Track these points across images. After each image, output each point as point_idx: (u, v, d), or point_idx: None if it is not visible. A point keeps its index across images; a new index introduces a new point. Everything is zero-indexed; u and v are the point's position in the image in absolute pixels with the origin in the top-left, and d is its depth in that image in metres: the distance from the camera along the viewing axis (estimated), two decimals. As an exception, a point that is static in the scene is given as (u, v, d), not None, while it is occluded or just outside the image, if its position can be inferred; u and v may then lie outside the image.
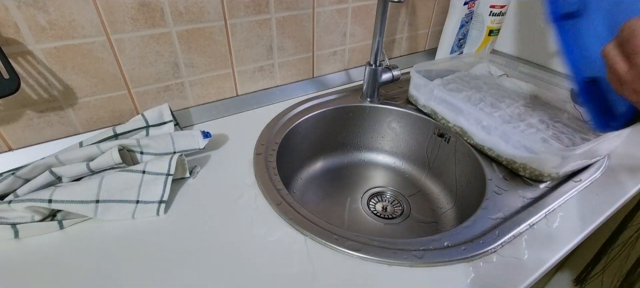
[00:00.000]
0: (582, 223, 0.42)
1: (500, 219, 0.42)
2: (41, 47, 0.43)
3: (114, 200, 0.40)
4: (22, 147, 0.48)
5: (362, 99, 0.67)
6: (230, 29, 0.56)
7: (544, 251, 0.38)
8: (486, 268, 0.36)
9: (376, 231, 0.57)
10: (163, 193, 0.42)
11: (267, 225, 0.40)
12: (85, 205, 0.38)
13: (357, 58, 0.75)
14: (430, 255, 0.36)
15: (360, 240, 0.38)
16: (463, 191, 0.58)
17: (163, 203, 0.42)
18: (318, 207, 0.60)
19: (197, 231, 0.40)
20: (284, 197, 0.44)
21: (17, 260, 0.36)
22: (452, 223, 0.57)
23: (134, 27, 0.48)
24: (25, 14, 0.41)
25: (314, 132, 0.64)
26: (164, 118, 0.52)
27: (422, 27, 0.82)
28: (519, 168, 0.49)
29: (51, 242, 0.38)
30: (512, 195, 0.46)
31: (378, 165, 0.70)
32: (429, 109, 0.62)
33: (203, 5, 0.51)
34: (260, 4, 0.56)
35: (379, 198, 0.63)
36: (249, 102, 0.64)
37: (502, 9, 0.74)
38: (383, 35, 0.58)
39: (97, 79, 0.49)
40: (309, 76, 0.70)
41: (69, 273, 0.34)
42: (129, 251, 0.37)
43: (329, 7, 0.63)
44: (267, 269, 0.35)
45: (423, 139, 0.65)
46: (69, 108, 0.49)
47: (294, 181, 0.63)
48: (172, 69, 0.54)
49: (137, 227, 0.40)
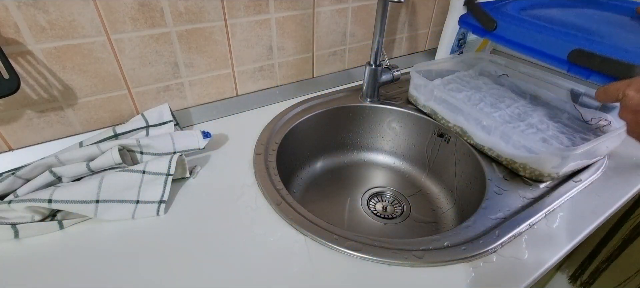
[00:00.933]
0: (582, 223, 0.42)
1: (500, 219, 0.42)
2: (41, 47, 0.43)
3: (113, 200, 0.40)
4: (22, 147, 0.48)
5: (362, 99, 0.67)
6: (230, 29, 0.56)
7: (544, 251, 0.38)
8: (486, 268, 0.36)
9: (376, 231, 0.57)
10: (163, 193, 0.42)
11: (267, 225, 0.40)
12: (85, 205, 0.38)
13: (357, 58, 0.75)
14: (430, 255, 0.36)
15: (360, 240, 0.38)
16: (463, 191, 0.58)
17: (163, 203, 0.42)
18: (318, 207, 0.60)
19: (197, 231, 0.40)
20: (284, 197, 0.44)
21: (16, 260, 0.36)
22: (452, 223, 0.57)
23: (134, 27, 0.48)
24: (25, 14, 0.41)
25: (314, 132, 0.64)
26: (164, 118, 0.52)
27: (422, 27, 0.82)
28: (519, 168, 0.49)
29: (51, 242, 0.38)
30: (512, 195, 0.46)
31: (378, 165, 0.70)
32: (429, 109, 0.62)
33: (203, 5, 0.51)
34: (260, 4, 0.56)
35: (379, 198, 0.63)
36: (249, 102, 0.64)
37: (502, 9, 0.74)
38: (383, 35, 0.58)
39: (97, 79, 0.49)
40: (309, 76, 0.70)
41: (69, 273, 0.35)
42: (128, 251, 0.37)
43: (329, 7, 0.63)
44: (267, 269, 0.35)
45: (423, 139, 0.65)
46: (68, 108, 0.49)
47: (294, 181, 0.63)
48: (172, 69, 0.54)
49: (137, 227, 0.40)
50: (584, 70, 0.41)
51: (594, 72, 0.40)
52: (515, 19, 0.48)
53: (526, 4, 0.56)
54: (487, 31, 0.50)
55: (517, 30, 0.47)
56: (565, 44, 0.42)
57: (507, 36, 0.48)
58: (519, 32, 0.46)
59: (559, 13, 0.52)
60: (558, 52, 0.42)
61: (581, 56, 0.40)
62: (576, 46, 0.41)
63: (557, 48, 0.42)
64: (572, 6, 0.54)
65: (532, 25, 0.46)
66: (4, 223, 0.37)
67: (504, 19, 0.48)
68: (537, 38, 0.44)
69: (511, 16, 0.49)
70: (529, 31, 0.46)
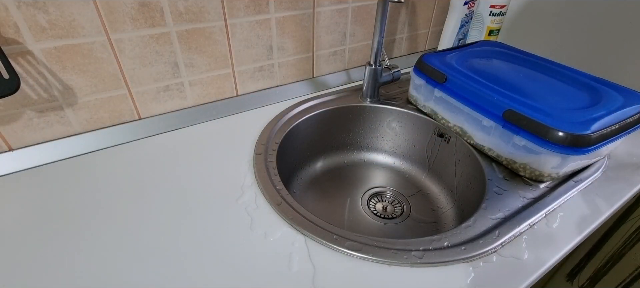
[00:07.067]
0: (582, 224, 0.42)
1: (500, 219, 0.42)
2: (41, 47, 0.43)
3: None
4: (22, 147, 0.48)
5: (362, 99, 0.67)
6: (230, 29, 0.56)
7: (544, 251, 0.38)
8: (486, 268, 0.36)
9: (376, 231, 0.57)
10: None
11: (267, 225, 0.40)
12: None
13: (357, 58, 0.75)
14: (430, 255, 0.36)
15: (360, 240, 0.38)
16: (463, 191, 0.58)
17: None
18: (318, 207, 0.60)
19: (197, 231, 0.40)
20: (284, 197, 0.44)
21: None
22: (452, 223, 0.57)
23: (134, 27, 0.48)
24: (25, 14, 0.41)
25: (314, 132, 0.64)
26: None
27: (422, 27, 0.82)
28: (519, 168, 0.49)
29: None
30: (512, 195, 0.46)
31: (378, 165, 0.70)
32: (429, 109, 0.62)
33: (203, 5, 0.51)
34: (260, 4, 0.56)
35: (379, 198, 0.63)
36: (249, 102, 0.64)
37: (502, 9, 0.74)
38: (383, 35, 0.58)
39: (97, 78, 0.49)
40: (309, 76, 0.70)
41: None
42: (128, 250, 0.37)
43: (329, 7, 0.63)
44: (267, 269, 0.35)
45: (423, 139, 0.65)
46: (68, 108, 0.49)
47: (294, 181, 0.63)
48: (172, 68, 0.54)
49: (136, 227, 0.40)
50: (515, 127, 0.46)
51: (522, 129, 0.45)
52: (461, 73, 0.55)
53: (470, 54, 0.63)
54: (439, 83, 0.56)
55: (463, 85, 0.53)
56: (501, 103, 0.48)
57: (455, 89, 0.54)
58: (464, 87, 0.53)
59: (500, 64, 0.60)
60: (495, 109, 0.48)
61: (512, 116, 0.46)
62: (509, 107, 0.47)
63: (495, 106, 0.48)
64: (513, 61, 0.61)
65: (477, 82, 0.52)
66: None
67: (452, 73, 0.55)
68: (479, 93, 0.51)
69: (458, 71, 0.56)
70: (473, 87, 0.52)
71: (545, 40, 0.80)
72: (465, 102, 0.53)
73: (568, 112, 0.45)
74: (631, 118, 0.45)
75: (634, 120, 0.45)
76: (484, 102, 0.50)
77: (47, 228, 0.39)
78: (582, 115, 0.44)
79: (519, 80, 0.54)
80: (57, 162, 0.49)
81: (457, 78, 0.54)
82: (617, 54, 0.69)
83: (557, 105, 0.47)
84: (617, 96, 0.49)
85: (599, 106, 0.46)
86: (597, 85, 0.52)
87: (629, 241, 0.73)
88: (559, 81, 0.54)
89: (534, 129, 0.44)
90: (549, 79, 0.55)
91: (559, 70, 0.58)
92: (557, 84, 0.53)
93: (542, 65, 0.59)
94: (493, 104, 0.49)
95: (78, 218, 0.41)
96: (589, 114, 0.44)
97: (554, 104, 0.47)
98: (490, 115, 0.49)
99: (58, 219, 0.41)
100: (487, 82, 0.52)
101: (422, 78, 0.59)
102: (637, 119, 0.45)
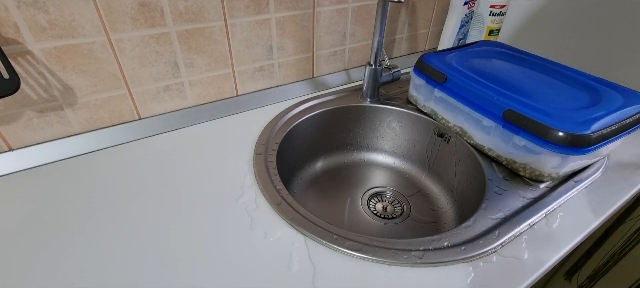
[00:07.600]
0: (582, 224, 0.42)
1: (500, 219, 0.42)
2: (41, 47, 0.43)
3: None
4: (22, 147, 0.48)
5: (362, 99, 0.67)
6: (230, 29, 0.56)
7: (544, 251, 0.38)
8: (486, 268, 0.36)
9: (376, 231, 0.57)
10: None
11: (267, 225, 0.40)
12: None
13: (357, 58, 0.75)
14: (430, 255, 0.36)
15: (360, 240, 0.38)
16: (463, 191, 0.58)
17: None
18: (318, 207, 0.60)
19: (197, 231, 0.40)
20: (284, 197, 0.44)
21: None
22: (452, 223, 0.57)
23: (134, 27, 0.48)
24: (25, 14, 0.41)
25: (314, 132, 0.64)
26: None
27: (422, 27, 0.82)
28: (519, 168, 0.49)
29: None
30: (512, 195, 0.46)
31: (378, 165, 0.70)
32: (429, 109, 0.62)
33: (203, 5, 0.51)
34: (260, 4, 0.56)
35: (379, 198, 0.63)
36: (249, 102, 0.64)
37: (502, 9, 0.74)
38: (383, 35, 0.58)
39: (97, 78, 0.49)
40: (309, 76, 0.70)
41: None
42: (128, 250, 0.37)
43: (329, 7, 0.63)
44: (267, 269, 0.35)
45: (423, 139, 0.65)
46: (68, 108, 0.49)
47: (294, 181, 0.63)
48: (172, 68, 0.54)
49: (137, 227, 0.40)
50: (515, 127, 0.46)
51: (522, 129, 0.45)
52: (462, 73, 0.55)
53: (469, 54, 0.63)
54: (439, 83, 0.56)
55: (463, 85, 0.53)
56: (501, 103, 0.48)
57: (455, 89, 0.54)
58: (464, 87, 0.53)
59: (500, 64, 0.60)
60: (495, 109, 0.49)
61: (512, 116, 0.46)
62: (509, 107, 0.47)
63: (495, 106, 0.49)
64: (513, 62, 0.61)
65: (477, 82, 0.52)
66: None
67: (452, 73, 0.55)
68: (480, 93, 0.51)
69: (458, 71, 0.56)
70: (473, 87, 0.52)
71: (545, 40, 0.80)
72: (465, 102, 0.53)
73: (568, 112, 0.45)
74: (631, 118, 0.45)
75: (634, 120, 0.45)
76: (484, 102, 0.50)
77: (47, 228, 0.39)
78: (582, 115, 0.44)
79: (519, 80, 0.54)
80: (57, 162, 0.50)
81: (457, 78, 0.54)
82: (617, 54, 0.69)
83: (557, 105, 0.47)
84: (617, 96, 0.49)
85: (599, 106, 0.46)
86: (597, 85, 0.52)
87: (630, 241, 0.73)
88: (559, 81, 0.54)
89: (534, 129, 0.44)
90: (549, 79, 0.55)
91: (559, 70, 0.58)
92: (557, 84, 0.53)
93: (542, 65, 0.59)
94: (493, 103, 0.49)
95: (78, 218, 0.41)
96: (589, 114, 0.45)
97: (554, 104, 0.47)
98: (490, 115, 0.49)
99: (58, 219, 0.41)
100: (487, 82, 0.52)
101: (422, 78, 0.60)
102: (637, 119, 0.45)
